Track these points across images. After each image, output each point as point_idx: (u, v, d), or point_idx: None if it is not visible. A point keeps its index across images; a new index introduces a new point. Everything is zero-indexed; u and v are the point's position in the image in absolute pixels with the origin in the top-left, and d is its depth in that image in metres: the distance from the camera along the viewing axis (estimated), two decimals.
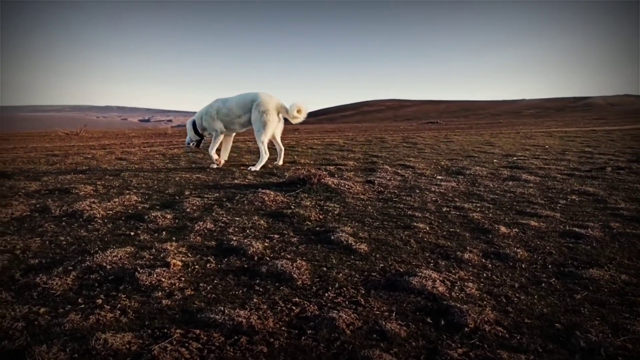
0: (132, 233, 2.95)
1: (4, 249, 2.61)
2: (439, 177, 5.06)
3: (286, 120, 6.08)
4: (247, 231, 3.01)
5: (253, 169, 5.69)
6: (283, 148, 6.30)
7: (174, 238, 2.84)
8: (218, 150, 6.27)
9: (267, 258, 2.49)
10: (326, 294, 2.04)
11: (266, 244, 2.72)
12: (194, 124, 6.21)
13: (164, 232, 2.97)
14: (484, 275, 2.29)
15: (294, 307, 1.91)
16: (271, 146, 6.13)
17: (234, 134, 6.42)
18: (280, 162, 6.20)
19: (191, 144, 6.45)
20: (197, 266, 2.37)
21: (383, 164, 6.25)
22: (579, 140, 10.46)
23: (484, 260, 2.49)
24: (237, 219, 3.29)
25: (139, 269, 2.26)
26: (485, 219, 3.30)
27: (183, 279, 2.21)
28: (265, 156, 5.78)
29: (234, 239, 2.81)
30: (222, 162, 6.16)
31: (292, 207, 3.62)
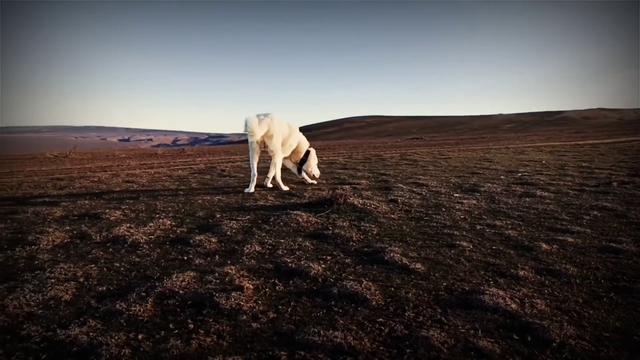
0: (185, 257, 2.98)
1: (67, 276, 2.61)
2: (457, 195, 5.20)
3: None
4: (297, 253, 3.06)
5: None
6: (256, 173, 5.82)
7: (229, 262, 2.88)
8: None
9: (332, 280, 2.55)
10: (406, 314, 2.11)
11: (323, 266, 2.78)
12: None
13: (216, 256, 3.01)
14: (546, 291, 2.39)
15: (382, 327, 1.98)
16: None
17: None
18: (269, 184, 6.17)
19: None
20: (267, 289, 2.42)
21: (395, 182, 6.38)
22: (570, 155, 10.80)
23: (539, 277, 2.59)
24: (282, 240, 3.34)
25: (214, 293, 2.30)
26: (521, 236, 3.42)
27: (260, 302, 2.25)
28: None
29: (288, 261, 2.86)
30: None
31: (330, 227, 3.69)
